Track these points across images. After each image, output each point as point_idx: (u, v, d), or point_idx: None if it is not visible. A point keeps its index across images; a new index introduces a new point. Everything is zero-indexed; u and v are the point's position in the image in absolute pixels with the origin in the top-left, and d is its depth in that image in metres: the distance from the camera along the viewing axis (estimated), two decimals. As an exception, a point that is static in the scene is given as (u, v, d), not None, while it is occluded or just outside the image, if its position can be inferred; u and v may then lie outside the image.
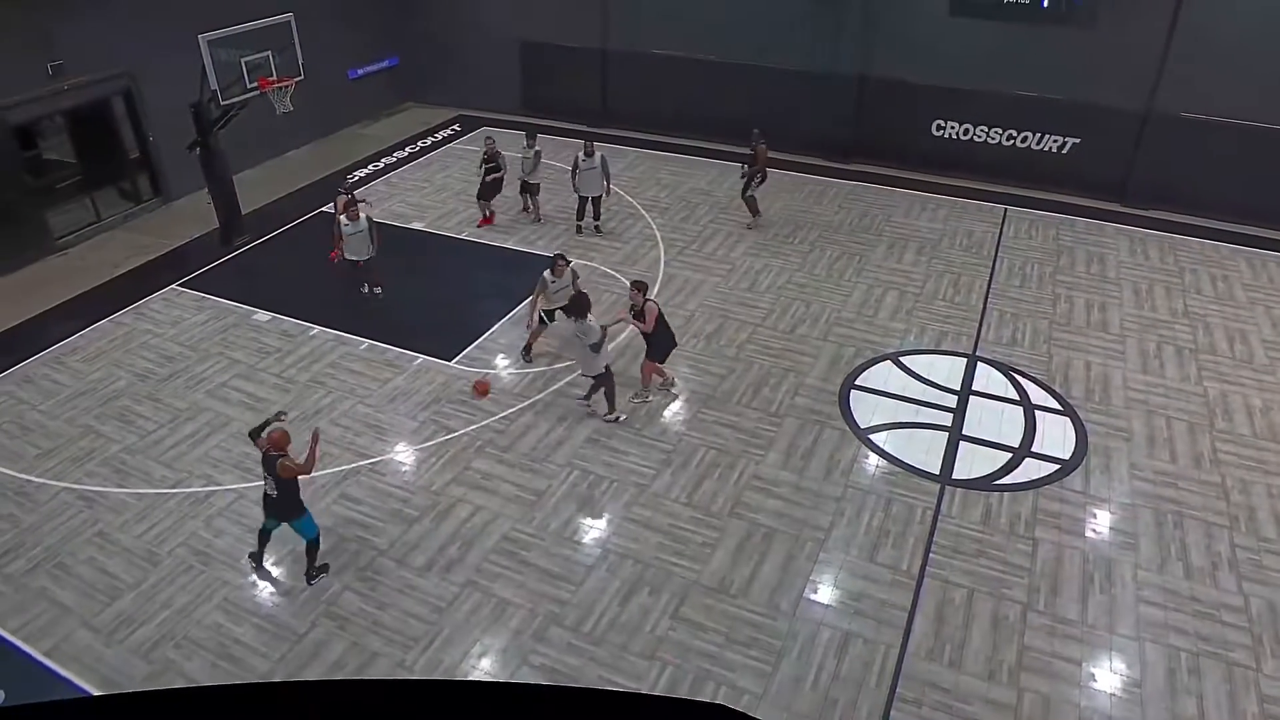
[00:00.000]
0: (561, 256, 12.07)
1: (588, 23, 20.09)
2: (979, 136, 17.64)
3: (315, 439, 8.38)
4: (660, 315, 11.02)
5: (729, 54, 18.91)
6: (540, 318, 11.99)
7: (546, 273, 11.87)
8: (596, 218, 15.76)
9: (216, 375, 12.04)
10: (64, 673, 7.84)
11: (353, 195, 13.79)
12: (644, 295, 10.98)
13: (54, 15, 14.74)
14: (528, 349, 12.24)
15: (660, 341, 11.13)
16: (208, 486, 10.02)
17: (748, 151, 15.42)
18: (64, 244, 15.71)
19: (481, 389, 11.43)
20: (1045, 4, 15.29)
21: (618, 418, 10.91)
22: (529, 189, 16.18)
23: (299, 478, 8.24)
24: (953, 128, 17.80)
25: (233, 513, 9.62)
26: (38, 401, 11.58)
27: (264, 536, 8.70)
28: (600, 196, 15.49)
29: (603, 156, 15.19)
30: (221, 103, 14.25)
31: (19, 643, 8.13)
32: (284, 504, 8.32)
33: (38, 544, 9.24)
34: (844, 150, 18.66)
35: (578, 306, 10.63)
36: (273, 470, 8.11)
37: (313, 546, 8.61)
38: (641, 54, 19.89)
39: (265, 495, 8.39)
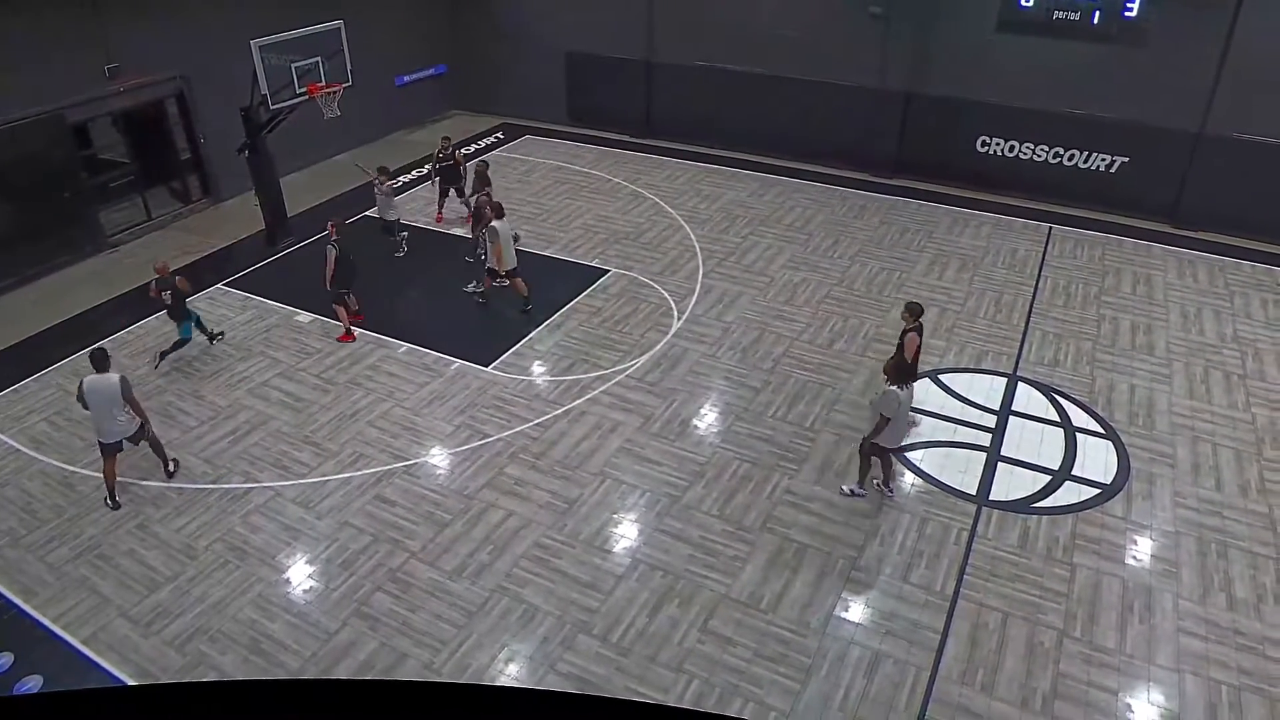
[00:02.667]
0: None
1: (633, 34, 20.19)
2: (1025, 154, 17.43)
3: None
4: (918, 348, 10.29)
5: (773, 67, 18.89)
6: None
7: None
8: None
9: (258, 374, 12.24)
10: (101, 661, 7.99)
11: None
12: (916, 320, 10.30)
13: (113, 19, 15.14)
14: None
15: (908, 371, 9.99)
16: (246, 484, 10.18)
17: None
18: (115, 241, 16.10)
19: None
20: (1095, 21, 15.10)
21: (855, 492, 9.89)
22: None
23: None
24: (998, 145, 17.60)
25: (270, 510, 9.75)
26: (85, 395, 11.84)
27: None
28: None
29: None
30: (271, 107, 14.52)
31: (59, 630, 8.31)
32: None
33: (81, 533, 9.45)
34: (887, 165, 18.54)
35: (907, 372, 9.68)
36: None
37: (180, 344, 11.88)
38: (685, 66, 19.93)
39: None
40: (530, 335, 13.06)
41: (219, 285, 14.59)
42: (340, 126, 16.98)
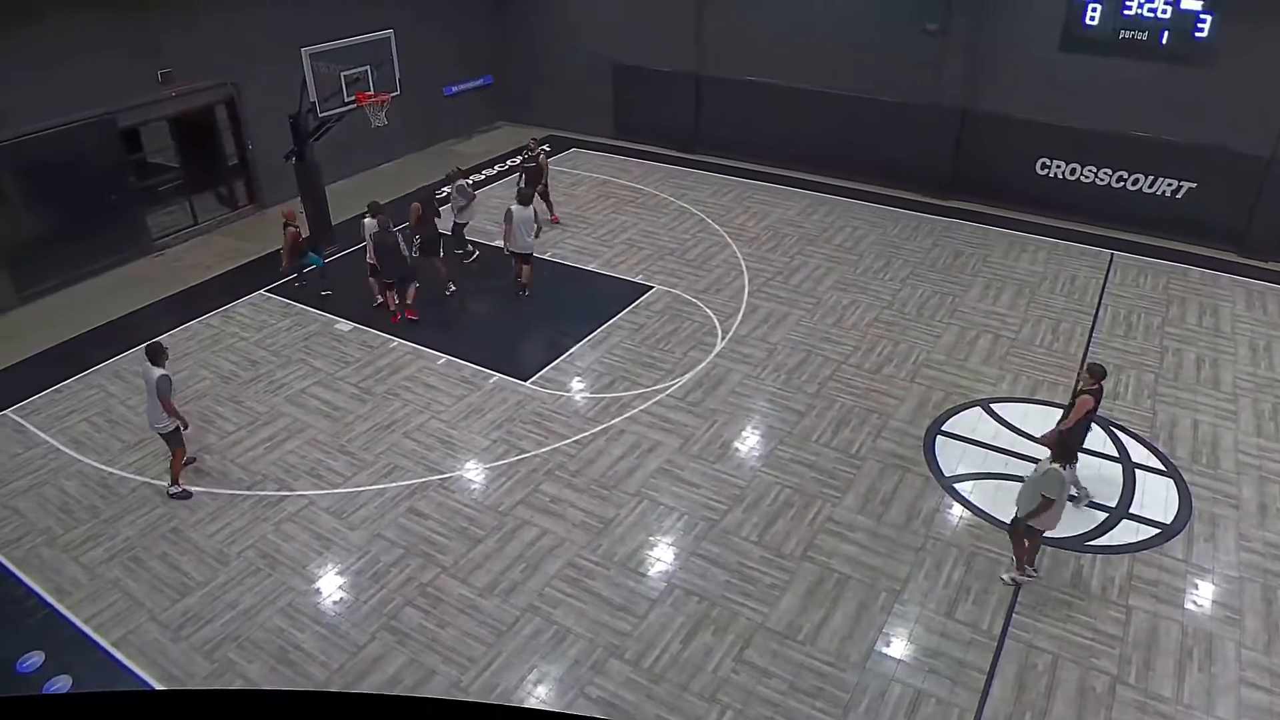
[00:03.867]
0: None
1: (682, 48, 20.29)
2: (1086, 177, 17.16)
3: None
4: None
5: (825, 82, 18.86)
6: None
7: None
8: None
9: (296, 381, 12.43)
10: (129, 664, 8.13)
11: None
12: (1098, 383, 9.49)
13: (166, 24, 15.59)
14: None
15: (1073, 443, 9.22)
16: (280, 491, 10.31)
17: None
18: (161, 245, 16.50)
19: None
20: (1164, 41, 14.86)
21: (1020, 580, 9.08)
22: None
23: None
24: (1059, 166, 17.35)
25: (303, 519, 9.87)
26: (126, 396, 12.12)
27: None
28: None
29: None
30: (319, 115, 14.81)
31: (89, 631, 8.47)
32: None
33: (115, 535, 9.65)
34: (942, 185, 18.37)
35: (1072, 446, 9.03)
36: None
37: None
38: (735, 81, 19.97)
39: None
40: (571, 350, 13.11)
41: (261, 291, 14.86)
42: (386, 136, 17.27)
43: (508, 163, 20.69)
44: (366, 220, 13.68)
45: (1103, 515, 9.93)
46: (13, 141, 13.94)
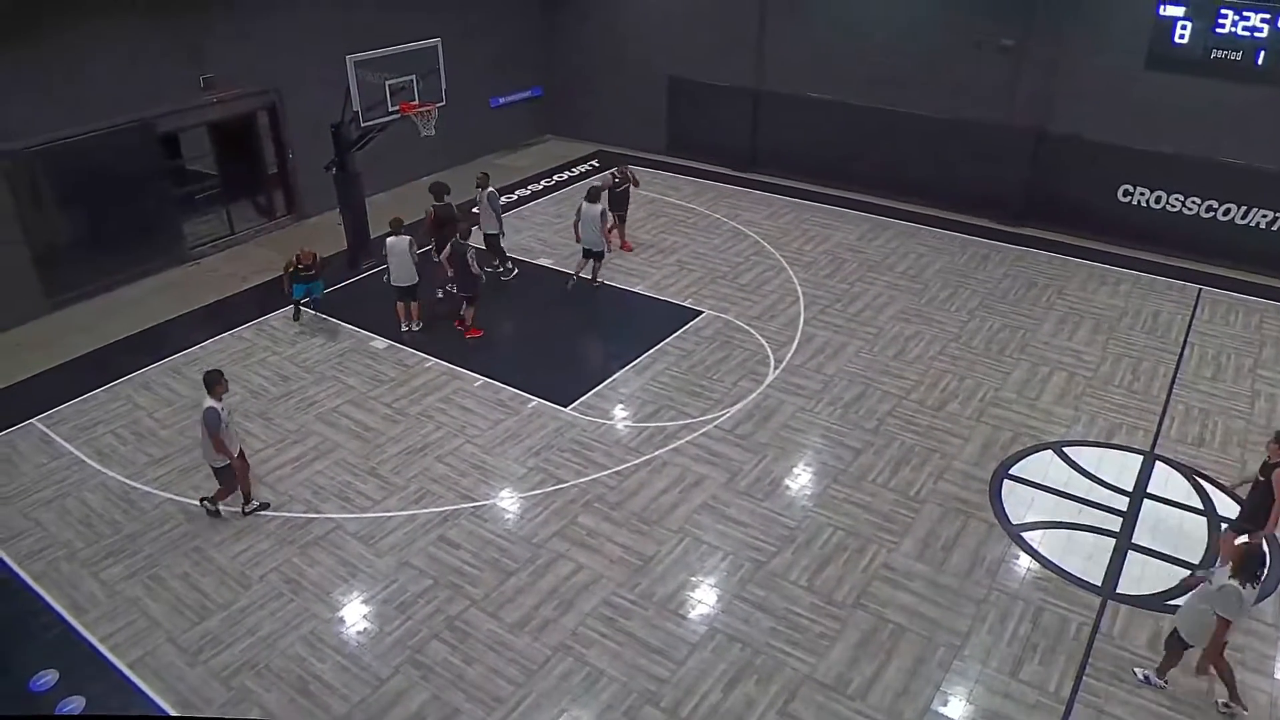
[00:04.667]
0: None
1: (741, 61, 20.40)
2: (1173, 206, 16.85)
3: None
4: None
5: (891, 100, 18.81)
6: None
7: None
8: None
9: (328, 399, 12.61)
10: (145, 687, 8.24)
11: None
12: None
13: (209, 30, 16.08)
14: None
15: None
16: (307, 513, 10.44)
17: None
18: (197, 254, 16.92)
19: None
20: (1260, 61, 14.60)
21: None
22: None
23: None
24: (1142, 194, 17.07)
25: (329, 543, 9.96)
26: (154, 409, 12.40)
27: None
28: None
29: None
30: (362, 124, 15.11)
31: (105, 651, 8.61)
32: None
33: (137, 552, 9.83)
34: (1015, 211, 18.18)
35: (1259, 559, 7.59)
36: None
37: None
38: (796, 96, 20.02)
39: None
40: (614, 376, 13.14)
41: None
42: (430, 147, 17.55)
43: (553, 178, 20.92)
44: (390, 239, 13.83)
45: (1184, 572, 9.64)
46: (48, 145, 14.41)
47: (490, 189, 15.64)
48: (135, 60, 15.20)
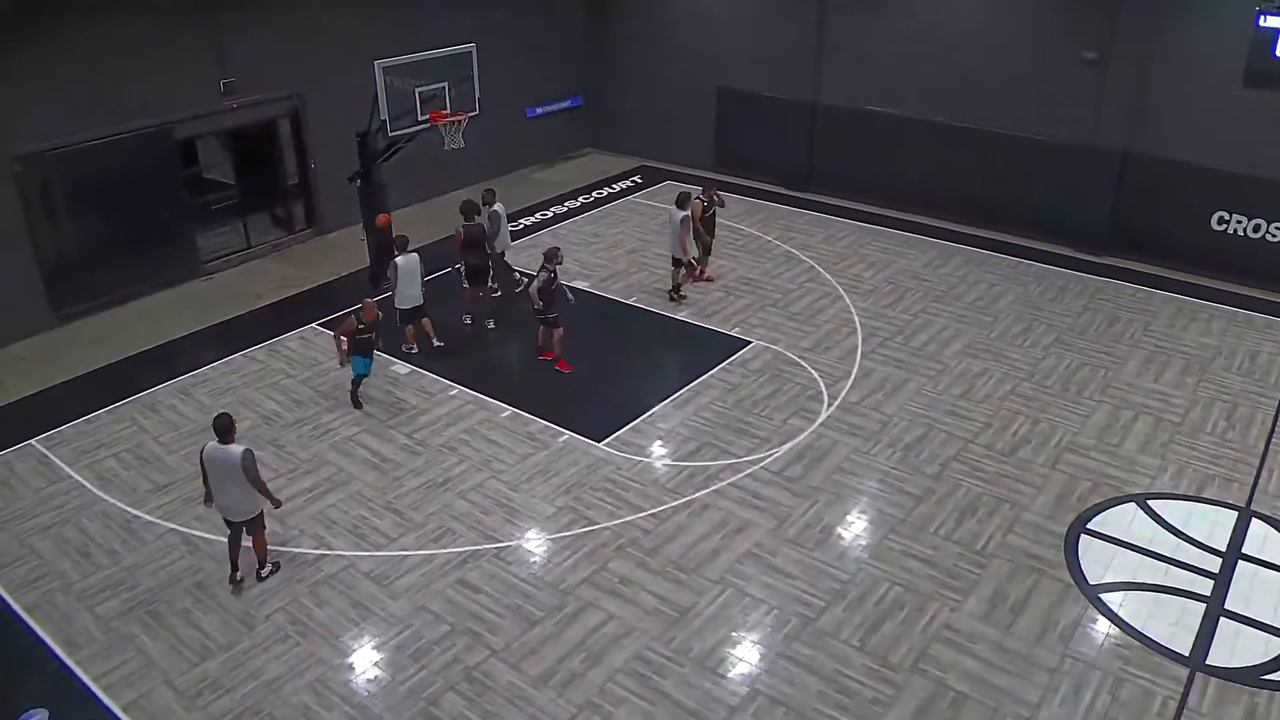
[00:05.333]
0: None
1: (798, 71, 20.48)
2: (1273, 235, 16.58)
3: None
4: None
5: (961, 116, 18.77)
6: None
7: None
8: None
9: (344, 428, 12.72)
10: (140, 735, 8.30)
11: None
12: None
13: (230, 31, 16.47)
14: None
15: None
16: (318, 549, 10.50)
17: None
18: (211, 269, 17.25)
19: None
20: (1376, 81, 14.36)
21: None
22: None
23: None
24: (1239, 222, 16.82)
25: (340, 582, 10.01)
26: (160, 433, 12.59)
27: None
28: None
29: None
30: (390, 134, 15.34)
31: (99, 691, 8.68)
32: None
33: (136, 585, 9.94)
34: (1097, 239, 18.00)
35: None
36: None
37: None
38: (856, 110, 20.05)
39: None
40: (653, 410, 13.12)
41: (313, 325, 15.34)
42: (462, 159, 17.79)
43: (591, 195, 21.10)
44: (400, 259, 13.82)
45: (1285, 644, 9.40)
46: (59, 150, 14.80)
47: (495, 206, 15.68)
48: (153, 63, 15.57)
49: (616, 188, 21.73)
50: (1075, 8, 17.29)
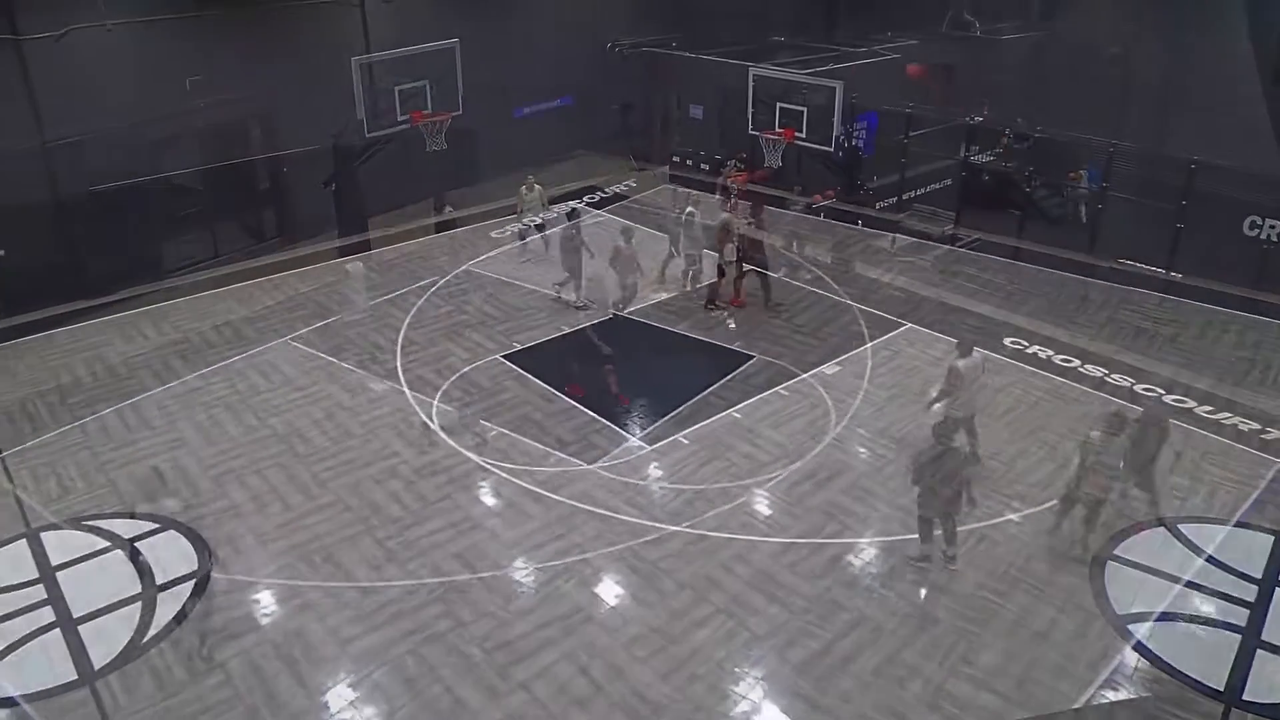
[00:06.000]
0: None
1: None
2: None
3: None
4: None
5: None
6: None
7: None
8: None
9: (304, 460, 12.81)
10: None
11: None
12: None
13: (196, 25, 16.46)
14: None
15: None
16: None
17: None
18: (172, 283, 17.17)
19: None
20: None
21: None
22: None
23: None
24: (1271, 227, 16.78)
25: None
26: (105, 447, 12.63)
27: None
28: None
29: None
30: (366, 135, 15.41)
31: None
32: None
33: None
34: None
35: None
36: None
37: None
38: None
39: None
40: (652, 427, 13.23)
41: (285, 339, 15.40)
42: (443, 161, 17.83)
43: (583, 200, 21.24)
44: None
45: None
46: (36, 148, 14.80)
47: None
48: (119, 59, 15.56)
49: (608, 192, 21.79)
50: None
